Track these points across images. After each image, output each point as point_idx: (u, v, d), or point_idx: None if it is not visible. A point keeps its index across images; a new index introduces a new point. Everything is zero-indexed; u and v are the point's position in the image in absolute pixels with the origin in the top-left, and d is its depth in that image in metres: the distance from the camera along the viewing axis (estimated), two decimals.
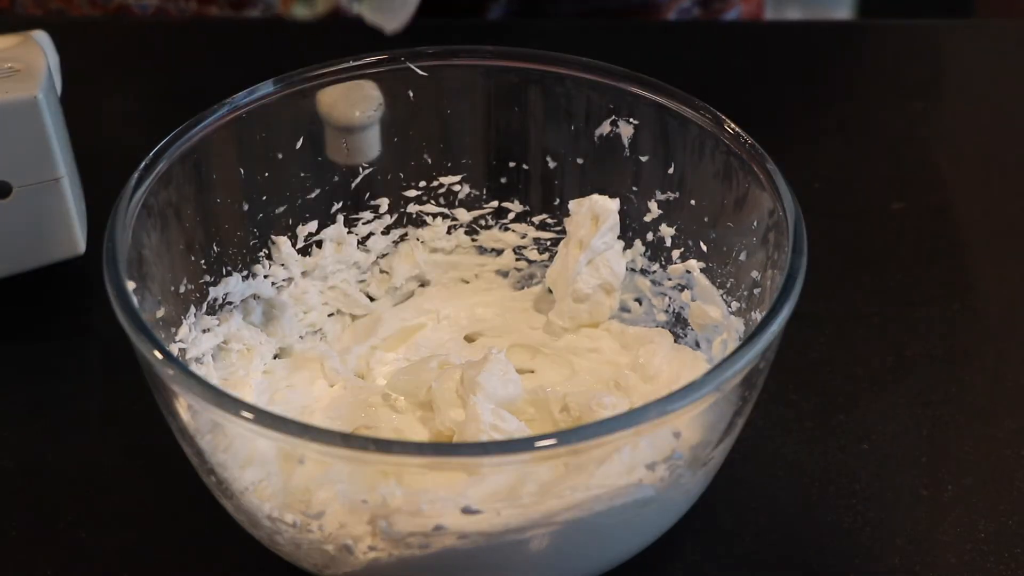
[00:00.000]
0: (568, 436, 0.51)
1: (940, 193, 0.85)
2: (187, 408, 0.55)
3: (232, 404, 0.51)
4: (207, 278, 0.65)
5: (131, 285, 0.57)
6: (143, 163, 0.61)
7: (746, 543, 0.64)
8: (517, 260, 0.73)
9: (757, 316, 0.62)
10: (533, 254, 0.72)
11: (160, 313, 0.61)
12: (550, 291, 0.71)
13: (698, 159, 0.65)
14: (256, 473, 0.56)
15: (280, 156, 0.66)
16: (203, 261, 0.65)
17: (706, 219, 0.67)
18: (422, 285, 0.72)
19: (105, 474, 0.66)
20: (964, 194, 0.85)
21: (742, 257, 0.64)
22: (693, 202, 0.67)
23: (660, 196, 0.68)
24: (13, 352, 0.72)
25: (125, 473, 0.66)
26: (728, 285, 0.66)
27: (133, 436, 0.67)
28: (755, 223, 0.62)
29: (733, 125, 0.63)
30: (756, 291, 0.63)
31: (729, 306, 0.65)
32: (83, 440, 0.68)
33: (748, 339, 0.54)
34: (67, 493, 0.66)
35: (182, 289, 0.63)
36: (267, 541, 0.57)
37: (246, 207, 0.66)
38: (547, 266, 0.72)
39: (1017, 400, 0.71)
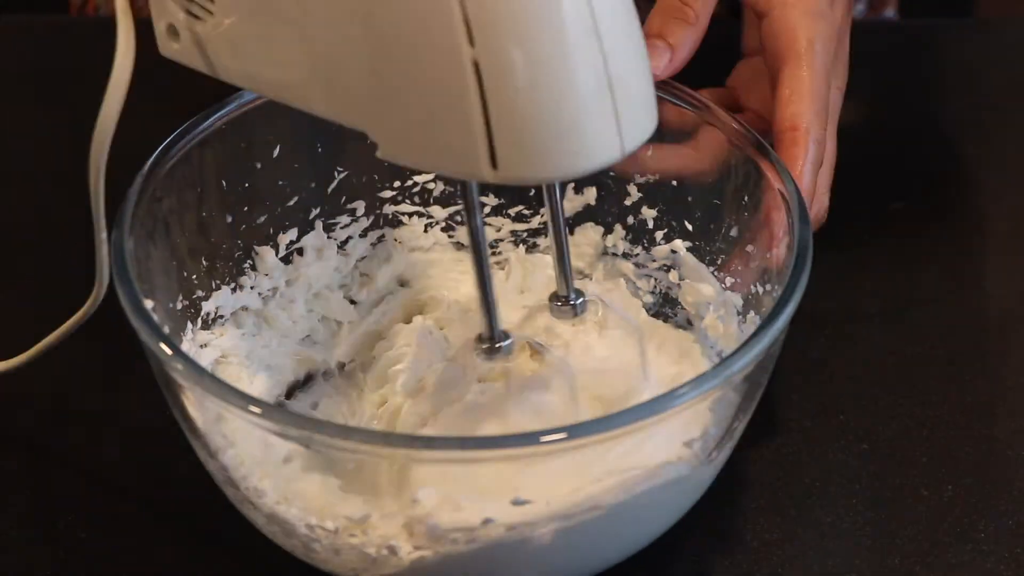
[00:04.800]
0: (604, 424, 0.51)
1: (940, 193, 0.85)
2: (215, 420, 0.55)
3: (283, 418, 0.52)
4: (199, 293, 0.65)
5: (149, 304, 0.57)
6: (139, 178, 0.61)
7: (746, 543, 0.64)
8: (493, 254, 0.72)
9: (758, 289, 0.62)
10: (508, 247, 0.72)
11: (165, 331, 0.60)
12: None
13: (679, 140, 0.66)
14: (289, 483, 0.57)
15: (259, 166, 0.67)
16: (195, 276, 0.65)
17: (691, 198, 0.67)
18: (402, 285, 0.72)
19: (105, 474, 0.67)
20: (964, 194, 0.85)
21: (733, 233, 0.64)
22: (675, 182, 0.67)
23: (640, 179, 0.69)
24: (13, 352, 0.72)
25: (125, 473, 0.67)
26: (719, 262, 0.66)
27: (133, 436, 0.68)
28: (747, 198, 0.63)
29: (721, 110, 0.64)
30: (753, 265, 0.63)
31: (722, 283, 0.65)
32: (83, 440, 0.69)
33: (773, 311, 0.55)
34: (67, 493, 0.66)
35: (179, 306, 0.64)
36: (301, 550, 0.58)
37: (229, 219, 0.67)
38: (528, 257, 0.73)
39: (1017, 400, 0.71)
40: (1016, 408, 0.71)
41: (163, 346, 0.54)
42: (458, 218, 0.72)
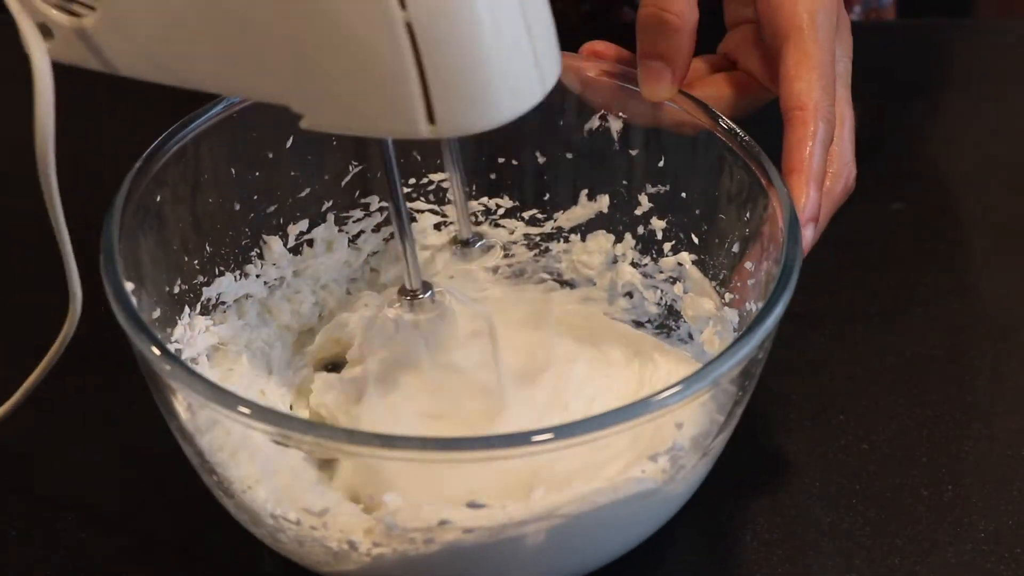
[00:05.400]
0: (566, 430, 0.51)
1: (940, 193, 0.85)
2: (186, 407, 0.55)
3: (230, 400, 0.52)
4: (200, 278, 0.66)
5: (129, 286, 0.57)
6: (137, 164, 0.61)
7: (746, 542, 0.64)
8: (506, 256, 0.73)
9: (752, 307, 0.62)
10: (522, 250, 0.72)
11: (156, 314, 0.61)
12: None
13: (689, 152, 0.66)
14: (258, 471, 0.56)
15: (270, 155, 0.67)
16: (196, 261, 0.65)
17: (698, 212, 0.67)
18: None
19: (105, 474, 0.67)
20: (964, 194, 0.85)
21: (735, 249, 0.64)
22: (684, 195, 0.68)
23: (651, 189, 0.69)
24: (12, 352, 0.72)
25: (125, 473, 0.67)
26: (721, 277, 0.66)
27: (132, 436, 0.68)
28: (748, 215, 0.63)
29: (726, 119, 0.63)
30: (751, 282, 0.63)
31: (723, 298, 0.66)
32: (83, 440, 0.69)
33: (747, 330, 0.55)
34: (67, 494, 0.66)
35: (176, 290, 0.64)
36: (269, 539, 0.58)
37: (237, 207, 0.67)
38: (538, 261, 0.73)
39: (1017, 400, 0.72)
40: (1016, 408, 0.71)
41: (135, 330, 0.54)
42: (472, 218, 0.72)
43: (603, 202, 0.71)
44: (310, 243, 0.70)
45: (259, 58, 0.51)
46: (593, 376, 0.67)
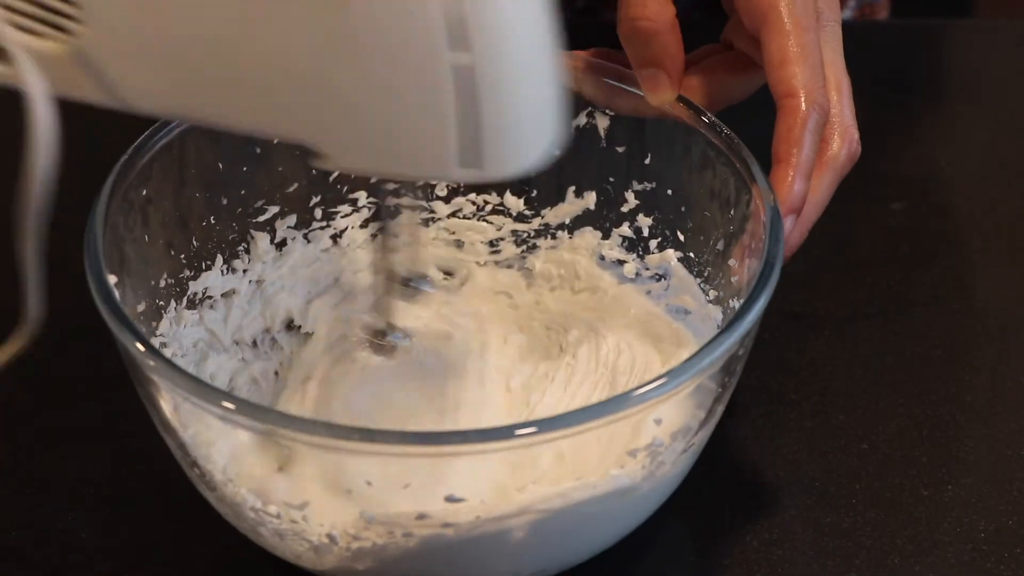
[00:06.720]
0: (547, 424, 0.51)
1: (940, 193, 0.85)
2: (169, 400, 0.55)
3: (213, 394, 0.51)
4: (187, 273, 0.66)
5: (112, 279, 0.57)
6: (123, 158, 0.61)
7: (746, 542, 0.64)
8: (493, 252, 0.72)
9: (735, 304, 0.62)
10: (510, 247, 0.72)
11: (141, 308, 0.61)
12: None
13: (675, 150, 0.66)
14: (238, 464, 0.56)
15: (258, 150, 0.66)
16: (183, 255, 0.65)
17: (683, 209, 0.67)
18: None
19: (104, 474, 0.67)
20: (964, 194, 0.85)
21: (719, 246, 0.64)
22: (670, 192, 0.68)
23: (637, 187, 0.69)
24: None
25: (124, 473, 0.67)
26: (706, 274, 0.67)
27: (131, 437, 0.68)
28: (731, 212, 0.62)
29: (710, 115, 0.63)
30: (734, 279, 0.62)
31: (707, 295, 0.66)
32: (82, 441, 0.69)
33: (728, 325, 0.54)
34: (67, 494, 0.66)
35: (162, 284, 0.64)
36: (252, 534, 0.58)
37: (225, 201, 0.67)
38: (524, 258, 0.73)
39: (1017, 400, 0.72)
40: (1016, 408, 0.71)
41: (116, 322, 0.54)
42: (460, 215, 0.72)
43: (590, 199, 0.70)
44: (296, 239, 0.70)
45: (283, 95, 0.49)
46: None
